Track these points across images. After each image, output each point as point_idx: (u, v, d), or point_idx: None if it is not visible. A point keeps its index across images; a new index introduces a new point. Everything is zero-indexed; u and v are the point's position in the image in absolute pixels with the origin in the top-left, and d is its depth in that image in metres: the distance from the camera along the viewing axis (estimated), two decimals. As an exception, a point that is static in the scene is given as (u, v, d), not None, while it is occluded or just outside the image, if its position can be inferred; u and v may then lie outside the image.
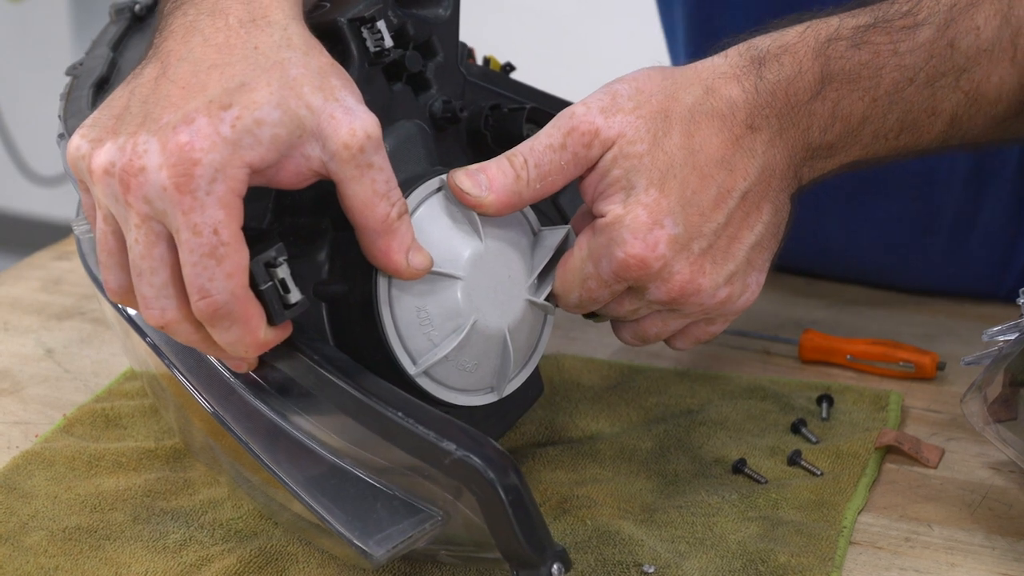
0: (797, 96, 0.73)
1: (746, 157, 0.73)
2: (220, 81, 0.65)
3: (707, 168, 0.72)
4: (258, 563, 0.75)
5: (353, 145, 0.66)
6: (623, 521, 0.78)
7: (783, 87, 0.73)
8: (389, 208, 0.67)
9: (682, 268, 0.72)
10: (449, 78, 0.80)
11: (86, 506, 0.81)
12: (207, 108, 0.64)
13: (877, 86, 0.74)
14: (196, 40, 0.68)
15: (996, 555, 0.76)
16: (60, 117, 0.83)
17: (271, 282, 0.65)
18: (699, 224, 0.72)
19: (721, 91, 0.73)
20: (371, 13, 0.75)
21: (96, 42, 0.89)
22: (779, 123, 0.73)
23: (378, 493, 0.66)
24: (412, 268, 0.68)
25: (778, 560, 0.74)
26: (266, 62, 0.66)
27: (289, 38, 0.68)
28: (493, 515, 0.62)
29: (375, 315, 0.70)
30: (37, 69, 3.27)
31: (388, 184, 0.67)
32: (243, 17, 0.68)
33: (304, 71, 0.66)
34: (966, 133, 0.78)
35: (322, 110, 0.66)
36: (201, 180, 0.63)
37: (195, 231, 0.63)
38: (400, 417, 0.64)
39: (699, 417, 0.89)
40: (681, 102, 0.73)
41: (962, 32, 0.75)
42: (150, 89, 0.67)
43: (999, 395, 0.79)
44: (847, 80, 0.74)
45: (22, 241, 2.90)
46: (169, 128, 0.64)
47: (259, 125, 0.64)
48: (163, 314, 0.66)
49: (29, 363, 1.00)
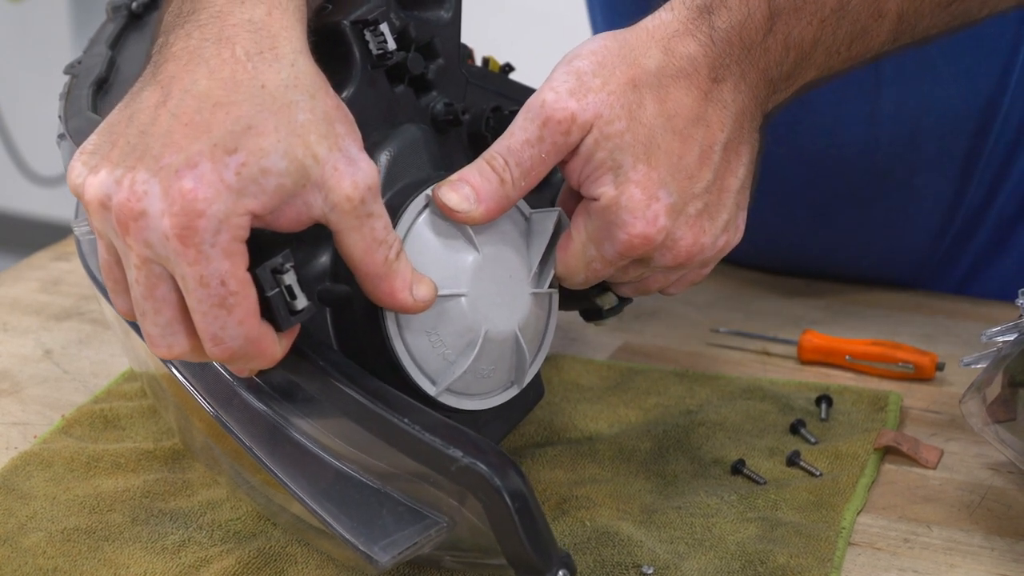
0: (751, 38, 0.74)
1: (718, 109, 0.73)
2: (226, 122, 0.63)
3: (686, 130, 0.73)
4: (257, 564, 0.75)
5: (355, 198, 0.65)
6: (622, 522, 0.78)
7: (736, 32, 0.73)
8: (388, 251, 0.67)
9: (684, 233, 0.73)
10: (451, 80, 0.80)
11: (85, 507, 0.81)
12: (211, 152, 0.62)
13: (823, 7, 0.75)
14: (201, 71, 0.65)
15: (995, 556, 0.76)
16: (60, 117, 0.83)
17: (277, 289, 0.65)
18: (690, 187, 0.73)
19: (679, 49, 0.73)
20: (374, 15, 0.75)
21: (94, 40, 0.88)
22: (740, 68, 0.74)
23: (383, 499, 0.66)
24: (419, 302, 0.68)
25: (777, 561, 0.74)
26: (273, 104, 0.64)
27: (297, 76, 0.66)
28: (499, 522, 0.62)
29: (388, 350, 0.70)
30: (37, 69, 3.27)
31: (386, 230, 0.67)
32: (250, 49, 0.66)
33: (311, 116, 0.65)
34: (916, 27, 0.78)
35: (327, 160, 0.65)
36: (206, 233, 0.62)
37: (202, 283, 0.62)
38: (406, 423, 0.64)
39: (698, 418, 0.89)
40: (645, 68, 0.72)
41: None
42: (150, 118, 0.65)
43: (998, 396, 0.79)
44: (794, 10, 0.74)
45: (22, 241, 2.90)
46: (172, 171, 0.62)
47: (265, 175, 0.63)
48: (171, 350, 0.66)
49: (28, 364, 1.00)
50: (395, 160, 0.73)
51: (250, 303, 0.64)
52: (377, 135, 0.74)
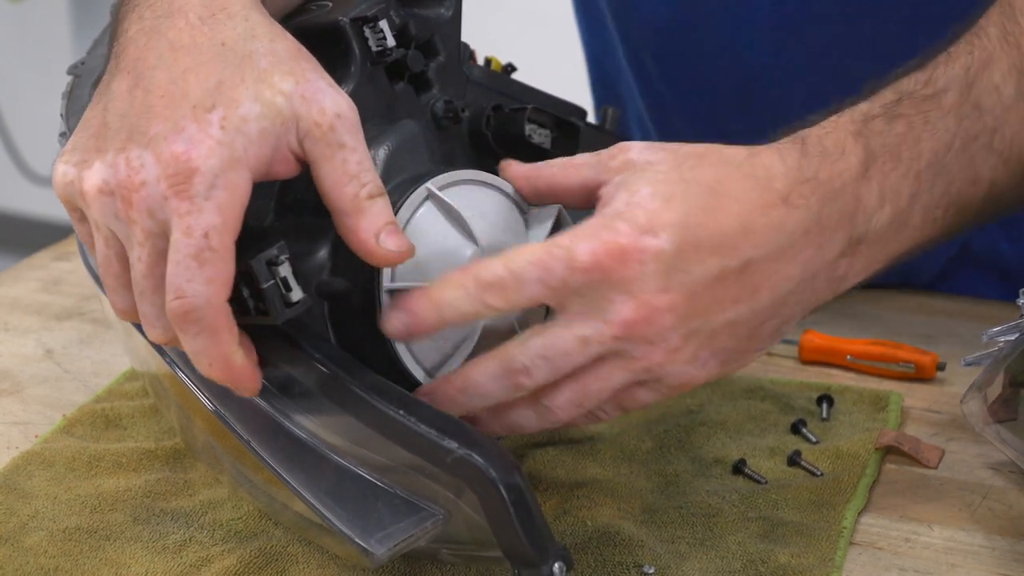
0: (842, 177, 0.69)
1: (769, 229, 0.67)
2: (198, 84, 0.65)
3: (721, 215, 0.67)
4: (258, 563, 0.75)
5: (324, 124, 0.66)
6: (623, 522, 0.78)
7: (827, 166, 0.69)
8: (359, 188, 0.66)
9: (651, 289, 0.66)
10: (451, 78, 0.80)
11: (86, 507, 0.81)
12: (194, 114, 0.64)
13: (919, 158, 0.71)
14: (162, 44, 0.67)
15: (996, 556, 0.76)
16: (62, 116, 0.83)
17: (273, 280, 0.65)
18: (690, 259, 0.66)
19: (762, 158, 0.69)
20: (373, 12, 0.75)
21: (97, 41, 0.89)
22: (819, 206, 0.68)
23: (379, 492, 0.66)
24: (383, 249, 0.66)
25: (778, 561, 0.74)
26: (235, 57, 0.66)
27: (252, 28, 0.67)
28: (495, 514, 0.62)
29: (385, 343, 0.70)
30: (37, 69, 3.27)
31: (360, 165, 0.66)
32: (202, 13, 0.68)
33: (272, 59, 0.66)
34: (1002, 197, 0.76)
35: (293, 94, 0.66)
36: (200, 186, 0.63)
37: (186, 232, 0.63)
38: (402, 416, 0.64)
39: (699, 417, 0.89)
40: (721, 153, 0.69)
41: (983, 92, 0.74)
42: (126, 102, 0.66)
43: (999, 395, 0.79)
44: (890, 156, 0.70)
45: (22, 241, 2.90)
46: (161, 139, 0.64)
47: (244, 123, 0.64)
48: (166, 332, 0.66)
49: (29, 363, 1.00)
50: (393, 155, 0.73)
51: (226, 268, 0.63)
52: (375, 131, 0.74)
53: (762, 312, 0.69)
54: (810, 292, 0.70)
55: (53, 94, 0.88)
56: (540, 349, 0.67)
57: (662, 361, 0.67)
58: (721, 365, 0.70)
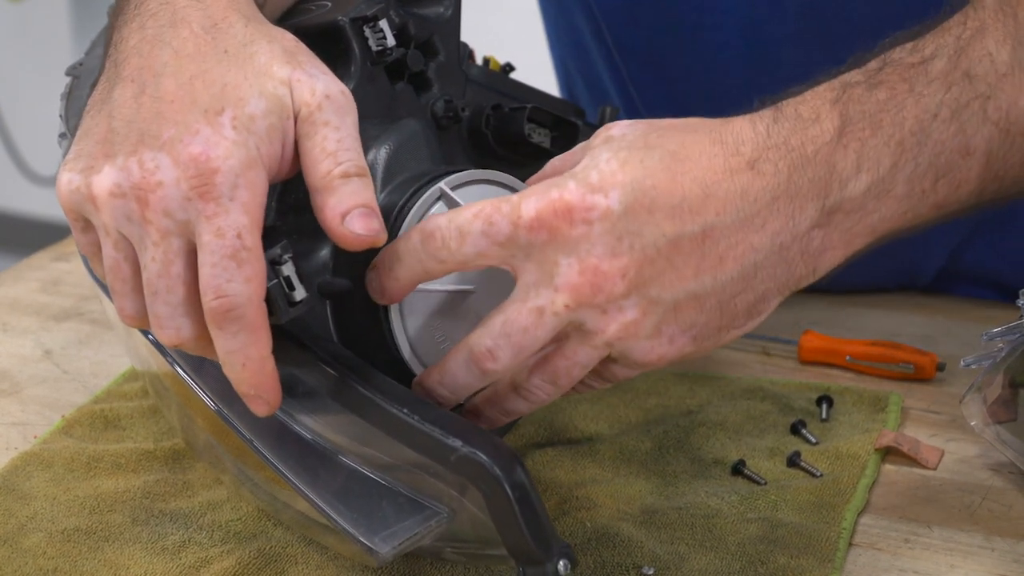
0: (814, 143, 0.66)
1: (733, 195, 0.65)
2: (205, 89, 0.65)
3: (681, 178, 0.65)
4: (257, 564, 0.75)
5: (312, 103, 0.66)
6: (622, 523, 0.78)
7: (799, 131, 0.66)
8: (333, 166, 0.65)
9: (598, 252, 0.63)
10: (450, 78, 0.80)
11: (85, 507, 0.81)
12: (206, 117, 0.64)
13: (901, 125, 0.68)
14: (166, 53, 0.67)
15: (996, 556, 0.76)
16: (61, 116, 0.83)
17: (276, 279, 0.65)
18: (643, 222, 0.64)
19: (733, 124, 0.67)
20: (373, 12, 0.75)
21: (96, 42, 0.88)
22: (788, 173, 0.66)
23: (383, 490, 0.66)
24: (346, 230, 0.65)
25: (778, 562, 0.74)
26: (238, 60, 0.67)
27: (252, 33, 0.68)
28: (499, 512, 0.62)
29: (390, 343, 0.70)
30: (37, 69, 3.27)
31: (339, 144, 0.66)
32: (205, 23, 0.68)
33: (270, 54, 0.67)
34: (1006, 174, 0.71)
35: (290, 80, 0.66)
36: (223, 187, 0.63)
37: (218, 234, 0.63)
38: (405, 414, 0.64)
39: (698, 418, 0.89)
40: (694, 122, 0.68)
41: (975, 59, 0.70)
42: (132, 109, 0.66)
43: (999, 396, 0.79)
44: (869, 123, 0.67)
45: (22, 241, 2.90)
46: (176, 142, 0.64)
47: (253, 120, 0.65)
48: (178, 333, 0.66)
49: (28, 364, 1.00)
50: (394, 154, 0.73)
51: (261, 266, 0.64)
52: (376, 130, 0.74)
53: (730, 284, 0.66)
54: (783, 266, 0.67)
55: (53, 94, 0.88)
56: (500, 327, 0.66)
57: (621, 334, 0.65)
58: (693, 342, 0.67)
